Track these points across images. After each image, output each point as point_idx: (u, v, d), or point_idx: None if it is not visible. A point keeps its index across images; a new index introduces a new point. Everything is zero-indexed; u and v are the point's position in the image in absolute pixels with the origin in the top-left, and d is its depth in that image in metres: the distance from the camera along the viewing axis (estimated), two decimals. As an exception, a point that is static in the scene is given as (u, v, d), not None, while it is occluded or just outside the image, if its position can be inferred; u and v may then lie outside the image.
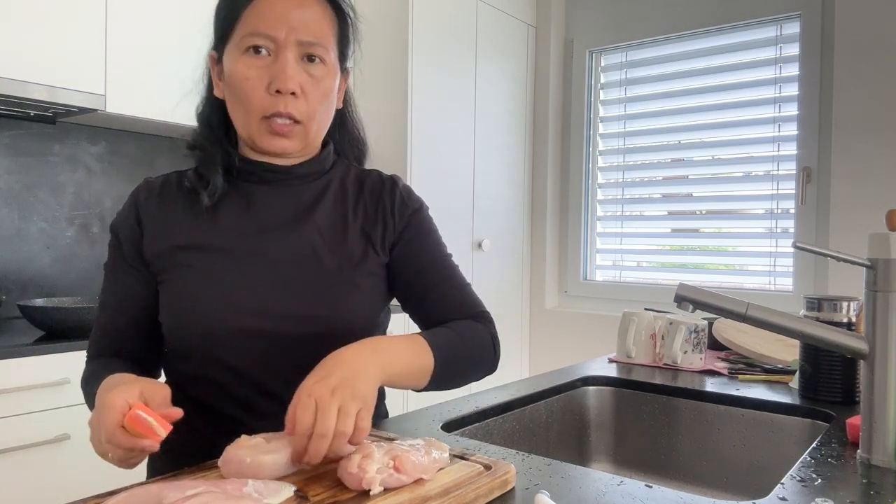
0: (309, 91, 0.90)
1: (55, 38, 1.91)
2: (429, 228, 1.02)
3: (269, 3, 0.89)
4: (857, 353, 0.84)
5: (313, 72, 0.91)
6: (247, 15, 0.89)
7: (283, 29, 0.88)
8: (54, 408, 1.71)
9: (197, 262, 0.91)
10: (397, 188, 1.01)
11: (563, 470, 0.81)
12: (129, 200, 0.99)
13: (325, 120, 0.96)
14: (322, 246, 0.94)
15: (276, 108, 0.89)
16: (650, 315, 1.50)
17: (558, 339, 3.25)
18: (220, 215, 0.94)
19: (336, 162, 1.04)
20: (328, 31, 0.93)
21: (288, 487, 0.68)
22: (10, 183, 2.18)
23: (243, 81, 0.89)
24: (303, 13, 0.89)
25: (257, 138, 0.92)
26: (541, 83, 3.30)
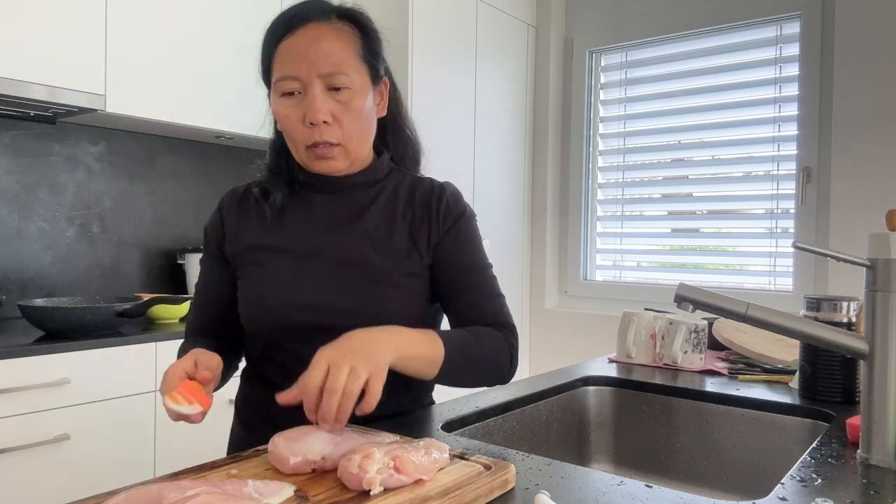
0: (340, 116, 0.98)
1: (55, 38, 1.91)
2: (470, 235, 1.08)
3: (289, 46, 0.97)
4: (857, 353, 0.84)
5: (340, 98, 0.97)
6: (276, 60, 0.99)
7: (304, 67, 0.96)
8: (54, 408, 1.72)
9: (265, 261, 1.04)
10: (445, 194, 1.07)
11: (563, 470, 0.81)
12: (217, 206, 1.13)
13: (364, 135, 1.02)
14: (369, 247, 1.03)
15: (313, 138, 0.98)
16: (650, 315, 1.50)
17: (558, 339, 3.25)
18: (286, 221, 1.07)
19: (392, 171, 1.11)
20: (348, 54, 0.98)
21: (288, 487, 0.68)
22: (10, 183, 2.18)
23: (284, 120, 1.00)
24: (319, 47, 0.96)
25: (307, 164, 1.03)
26: (541, 83, 3.30)
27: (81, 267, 2.34)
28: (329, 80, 0.96)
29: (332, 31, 0.98)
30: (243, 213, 1.10)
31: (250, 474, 0.73)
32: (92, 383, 1.78)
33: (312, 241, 1.04)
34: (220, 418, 2.04)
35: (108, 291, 2.39)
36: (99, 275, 2.39)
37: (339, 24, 0.99)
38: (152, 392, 1.88)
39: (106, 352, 1.81)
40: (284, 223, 1.06)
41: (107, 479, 1.79)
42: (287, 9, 1.01)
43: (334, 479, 0.71)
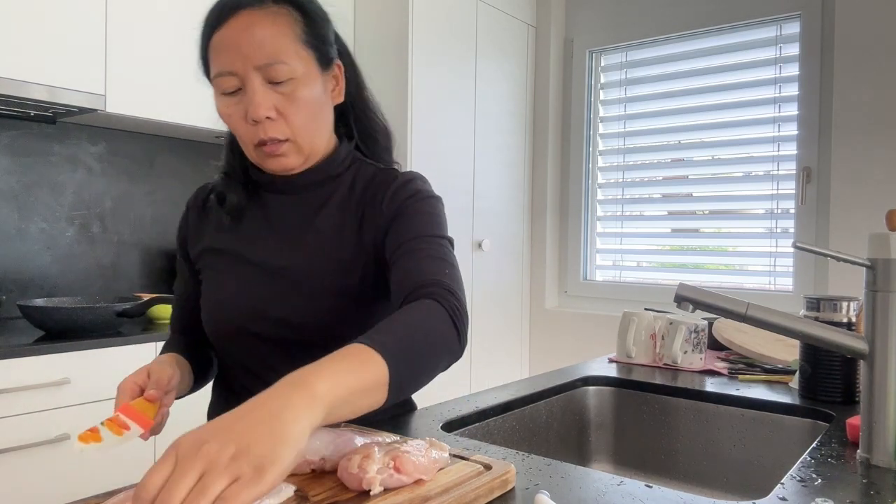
0: (284, 109, 0.90)
1: (55, 38, 1.91)
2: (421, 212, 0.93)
3: (221, 38, 0.90)
4: (857, 353, 0.84)
5: (283, 90, 0.90)
6: (211, 55, 0.92)
7: (238, 60, 0.88)
8: (54, 408, 1.72)
9: (218, 265, 1.02)
10: (395, 181, 0.97)
11: (563, 470, 0.81)
12: (185, 207, 1.11)
13: (315, 127, 0.94)
14: (319, 253, 0.96)
15: (258, 136, 0.91)
16: (650, 315, 1.50)
17: (558, 339, 3.25)
18: (242, 223, 1.02)
19: (354, 163, 1.03)
20: (287, 40, 0.89)
21: (288, 487, 0.68)
22: (10, 183, 2.18)
23: (228, 119, 0.93)
24: (252, 36, 0.87)
25: (259, 163, 0.96)
26: (541, 83, 3.30)
27: (81, 267, 2.34)
28: (267, 73, 0.88)
29: (266, 17, 0.89)
30: (205, 213, 1.07)
31: (250, 474, 0.73)
32: (92, 383, 1.78)
33: (264, 246, 0.99)
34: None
35: (108, 291, 2.39)
36: (99, 275, 2.39)
37: (276, 9, 0.90)
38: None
39: (106, 352, 1.81)
40: (241, 226, 1.02)
41: (107, 479, 1.79)
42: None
43: (334, 479, 0.71)
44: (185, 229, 1.09)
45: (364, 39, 2.71)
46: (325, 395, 0.60)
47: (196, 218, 1.07)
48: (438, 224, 0.94)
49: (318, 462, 0.74)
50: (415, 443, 0.75)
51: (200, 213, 1.07)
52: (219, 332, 1.00)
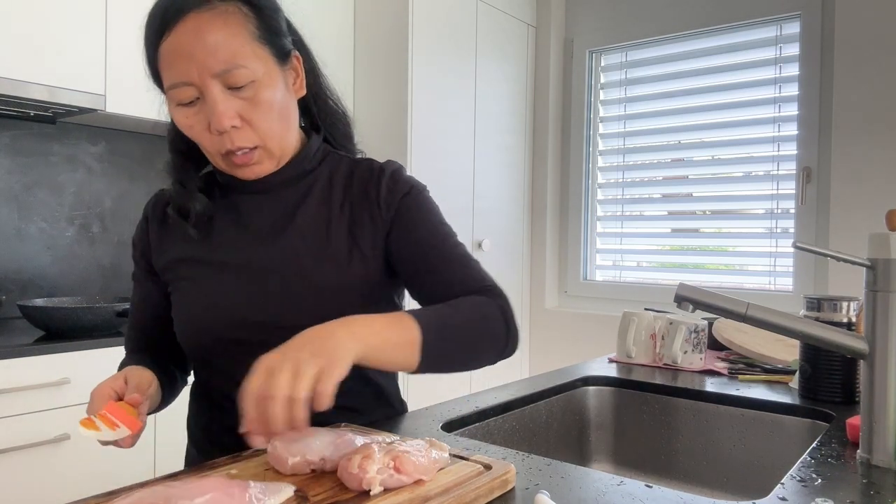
0: (249, 115, 0.85)
1: (55, 38, 1.91)
2: (421, 209, 0.95)
3: (170, 47, 0.82)
4: (857, 353, 0.84)
5: (244, 95, 0.84)
6: (161, 65, 0.85)
7: (193, 69, 0.82)
8: (54, 408, 1.72)
9: (193, 275, 0.95)
10: (384, 177, 0.95)
11: (563, 470, 0.81)
12: (143, 214, 1.03)
13: (284, 128, 0.90)
14: (304, 251, 0.92)
15: (224, 146, 0.86)
16: (650, 315, 1.50)
17: (558, 339, 3.25)
18: (213, 229, 0.96)
19: (327, 156, 0.99)
20: (242, 41, 0.83)
21: (288, 488, 0.68)
22: (10, 183, 2.18)
23: (188, 130, 0.88)
24: (205, 43, 0.81)
25: (230, 172, 0.92)
26: (541, 83, 3.30)
27: (81, 267, 2.34)
28: (226, 79, 0.82)
29: (216, 18, 0.82)
30: (166, 222, 0.98)
31: (250, 474, 0.73)
32: (92, 383, 1.76)
33: (242, 250, 0.93)
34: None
35: (108, 291, 2.39)
36: (99, 275, 2.39)
37: (224, 7, 0.83)
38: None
39: (106, 352, 1.81)
40: (212, 231, 0.95)
41: (107, 479, 1.79)
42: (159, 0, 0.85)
43: (334, 479, 0.71)
44: (145, 241, 1.01)
45: (364, 39, 2.71)
46: (362, 337, 0.73)
47: (157, 228, 0.99)
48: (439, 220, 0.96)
49: (317, 462, 0.74)
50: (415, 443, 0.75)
51: (162, 223, 0.99)
52: (199, 343, 0.95)
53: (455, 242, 0.95)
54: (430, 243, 0.93)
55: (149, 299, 1.01)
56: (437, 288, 0.91)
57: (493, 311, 0.87)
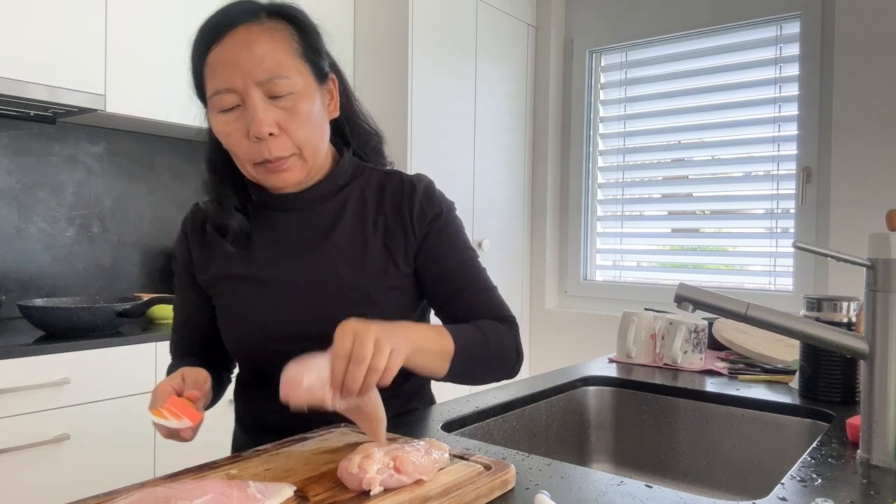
0: (287, 125, 0.89)
1: (55, 38, 1.91)
2: (451, 232, 1.01)
3: (218, 55, 0.88)
4: (857, 353, 0.84)
5: (284, 104, 0.89)
6: (206, 72, 0.90)
7: (237, 77, 0.87)
8: (54, 408, 1.72)
9: (234, 291, 1.00)
10: (416, 195, 1.00)
11: (563, 470, 0.81)
12: (181, 228, 1.07)
13: (318, 140, 0.94)
14: (343, 265, 0.96)
15: (261, 154, 0.90)
16: (650, 315, 1.50)
17: (558, 339, 3.24)
18: (251, 246, 1.00)
19: (357, 170, 1.03)
20: (286, 55, 0.89)
21: (288, 488, 0.68)
22: (10, 183, 2.18)
23: (226, 137, 0.91)
24: (251, 53, 0.87)
25: (260, 181, 0.95)
26: (541, 83, 3.30)
27: (81, 267, 2.34)
28: (268, 88, 0.87)
29: (263, 32, 0.88)
30: (206, 238, 1.03)
31: (250, 474, 0.74)
32: (92, 383, 1.78)
33: (282, 266, 0.97)
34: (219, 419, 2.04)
35: (108, 291, 2.39)
36: (99, 275, 2.39)
37: (272, 24, 0.90)
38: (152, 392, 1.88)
39: (106, 352, 1.81)
40: (250, 248, 1.00)
41: (107, 479, 1.79)
42: (214, 12, 0.92)
43: (334, 479, 0.71)
44: (186, 256, 1.05)
45: (364, 39, 2.71)
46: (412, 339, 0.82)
47: (198, 243, 1.03)
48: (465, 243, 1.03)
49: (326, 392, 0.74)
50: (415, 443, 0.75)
51: (202, 240, 1.03)
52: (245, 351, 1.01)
53: (478, 267, 1.03)
54: (456, 268, 1.00)
55: (194, 309, 1.06)
56: (460, 310, 0.99)
57: (509, 341, 0.98)
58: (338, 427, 0.91)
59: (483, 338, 0.94)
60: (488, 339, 0.94)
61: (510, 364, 0.99)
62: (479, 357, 0.93)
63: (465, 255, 1.01)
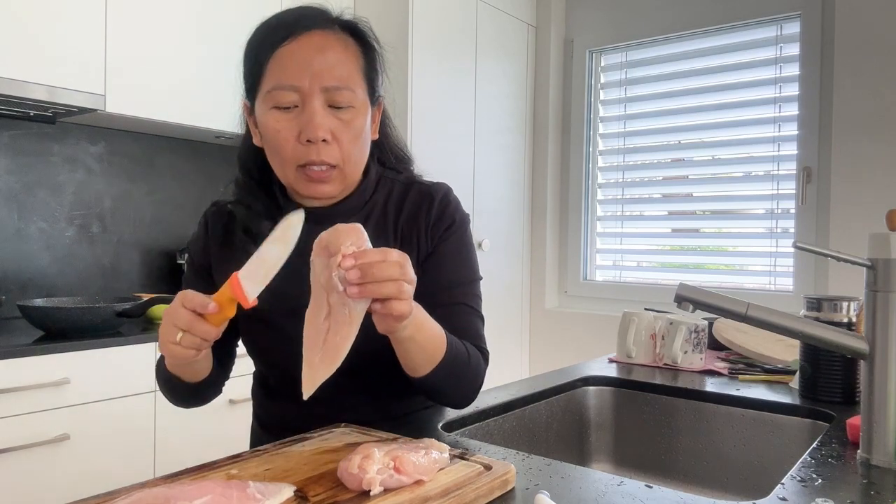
0: (340, 135, 0.90)
1: (55, 38, 1.91)
2: (460, 247, 1.01)
3: (290, 52, 0.88)
4: (857, 353, 0.84)
5: (342, 116, 0.90)
6: (271, 66, 0.89)
7: (306, 77, 0.87)
8: (54, 408, 1.72)
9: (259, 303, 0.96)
10: (434, 204, 1.00)
11: (563, 470, 0.81)
12: (201, 223, 1.06)
13: (360, 159, 0.95)
14: None
15: (309, 157, 0.89)
16: (650, 315, 1.50)
17: (558, 339, 3.24)
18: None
19: (380, 182, 1.03)
20: (353, 69, 0.91)
21: (288, 488, 0.68)
22: (10, 183, 2.18)
23: (275, 133, 0.90)
24: (325, 58, 0.88)
25: (296, 186, 0.94)
26: (541, 83, 3.30)
27: (81, 267, 2.34)
28: (332, 96, 0.88)
29: (338, 41, 0.90)
30: (229, 240, 1.01)
31: (250, 474, 0.73)
32: (92, 383, 1.78)
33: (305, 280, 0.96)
34: (218, 419, 2.04)
35: (107, 291, 2.39)
36: (99, 275, 2.39)
37: (344, 36, 0.92)
38: (152, 392, 1.88)
39: (106, 352, 1.81)
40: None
41: (107, 479, 1.79)
42: (285, 11, 0.92)
43: (334, 479, 0.71)
44: (205, 254, 1.04)
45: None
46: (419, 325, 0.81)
47: (219, 245, 1.02)
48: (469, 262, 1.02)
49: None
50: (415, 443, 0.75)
51: (223, 241, 1.02)
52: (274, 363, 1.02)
53: (475, 293, 1.01)
54: (453, 285, 0.99)
55: None
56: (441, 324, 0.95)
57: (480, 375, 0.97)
58: (338, 427, 0.91)
59: (466, 357, 0.92)
60: (469, 361, 0.93)
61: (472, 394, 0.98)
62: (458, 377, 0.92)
63: (464, 277, 1.01)
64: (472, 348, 0.95)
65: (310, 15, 0.91)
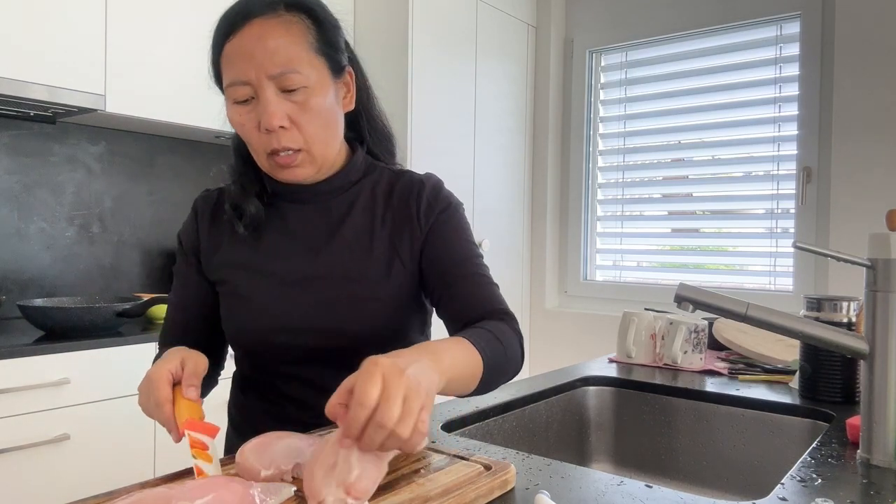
0: (298, 118, 0.90)
1: (55, 38, 1.91)
2: (455, 228, 1.00)
3: (234, 47, 0.89)
4: (857, 353, 0.84)
5: (296, 99, 0.89)
6: (223, 63, 0.91)
7: (251, 69, 0.87)
8: (54, 408, 1.72)
9: (241, 280, 0.99)
10: (424, 191, 1.00)
11: (563, 470, 0.81)
12: (192, 211, 1.06)
13: (328, 136, 0.94)
14: (349, 260, 0.97)
15: (272, 145, 0.90)
16: (650, 315, 1.50)
17: (558, 339, 3.24)
18: (262, 235, 1.00)
19: (369, 169, 1.04)
20: (300, 48, 0.89)
21: (288, 488, 0.68)
22: (10, 183, 2.18)
23: (240, 127, 0.92)
24: (265, 45, 0.87)
25: (270, 173, 0.95)
26: (541, 83, 3.30)
27: (81, 267, 2.34)
28: (281, 82, 0.88)
29: (279, 25, 0.88)
30: (217, 223, 1.03)
31: (250, 474, 0.73)
32: (92, 383, 1.78)
33: (290, 258, 0.98)
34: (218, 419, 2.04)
35: (108, 291, 2.39)
36: (99, 275, 2.39)
37: (288, 17, 0.89)
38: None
39: (106, 352, 1.81)
40: (260, 238, 1.00)
41: (107, 479, 1.79)
42: (232, 5, 0.91)
43: (334, 479, 0.71)
44: (195, 237, 1.04)
45: (364, 39, 2.71)
46: (446, 370, 0.73)
47: (208, 227, 1.03)
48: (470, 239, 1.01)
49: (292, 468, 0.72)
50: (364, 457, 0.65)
51: (212, 223, 1.03)
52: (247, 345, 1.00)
53: (479, 263, 1.00)
54: (457, 261, 0.98)
55: (194, 295, 1.04)
56: (458, 305, 0.96)
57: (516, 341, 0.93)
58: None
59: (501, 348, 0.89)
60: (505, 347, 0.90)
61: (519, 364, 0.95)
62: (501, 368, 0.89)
63: (470, 251, 1.00)
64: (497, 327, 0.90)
65: (249, 4, 0.89)
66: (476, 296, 0.96)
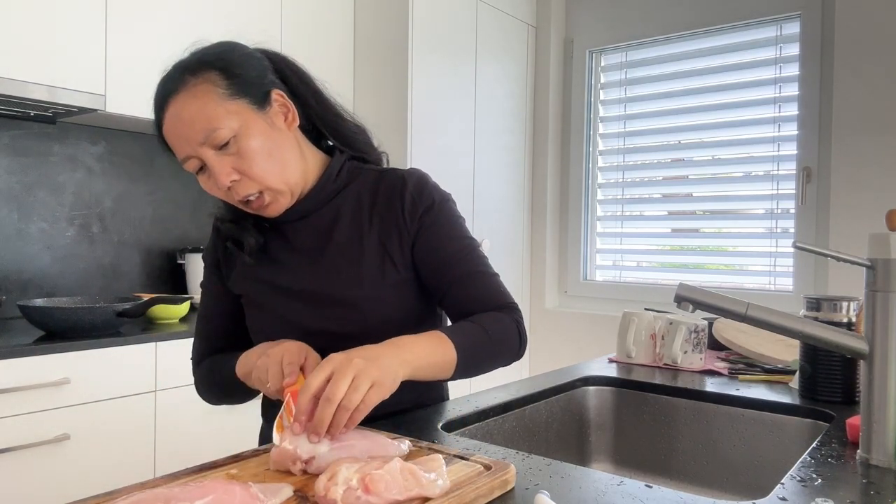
0: (241, 167, 0.93)
1: (55, 38, 1.91)
2: (444, 221, 1.02)
3: (166, 132, 0.95)
4: (857, 353, 0.84)
5: (230, 151, 0.92)
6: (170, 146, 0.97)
7: (185, 146, 0.93)
8: (54, 408, 1.72)
9: (259, 292, 1.05)
10: (407, 189, 1.02)
11: (563, 470, 0.81)
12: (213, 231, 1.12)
13: (280, 166, 0.96)
14: (344, 267, 1.00)
15: (236, 199, 0.96)
16: (650, 315, 1.50)
17: (558, 339, 3.24)
18: (270, 252, 1.06)
19: (353, 175, 1.06)
20: (212, 106, 0.91)
21: (288, 488, 0.68)
22: (10, 183, 2.18)
23: (210, 191, 0.98)
24: (183, 120, 0.91)
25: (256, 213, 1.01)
26: (541, 83, 3.30)
27: (81, 267, 2.34)
28: (211, 143, 0.91)
29: (187, 96, 0.92)
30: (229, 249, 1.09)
31: (250, 474, 0.74)
32: (92, 383, 1.78)
33: (295, 271, 1.03)
34: (218, 419, 2.04)
35: (108, 291, 2.39)
36: (99, 275, 2.39)
37: (194, 81, 0.92)
38: (152, 392, 1.88)
39: (106, 352, 1.81)
40: (270, 255, 1.05)
41: (107, 479, 1.79)
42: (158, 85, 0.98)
43: (334, 479, 0.71)
44: (216, 257, 1.10)
45: (364, 39, 2.71)
46: (411, 361, 0.85)
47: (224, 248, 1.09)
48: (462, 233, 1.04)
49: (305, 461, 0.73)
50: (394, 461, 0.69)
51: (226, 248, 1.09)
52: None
53: (477, 255, 1.03)
54: (452, 258, 1.00)
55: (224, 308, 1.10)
56: (460, 300, 1.00)
57: (510, 328, 0.98)
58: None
59: (483, 334, 0.95)
60: (488, 333, 0.95)
61: (513, 350, 1.00)
62: (482, 353, 0.95)
63: (462, 244, 1.02)
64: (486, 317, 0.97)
65: (163, 88, 0.95)
66: (475, 298, 1.00)
